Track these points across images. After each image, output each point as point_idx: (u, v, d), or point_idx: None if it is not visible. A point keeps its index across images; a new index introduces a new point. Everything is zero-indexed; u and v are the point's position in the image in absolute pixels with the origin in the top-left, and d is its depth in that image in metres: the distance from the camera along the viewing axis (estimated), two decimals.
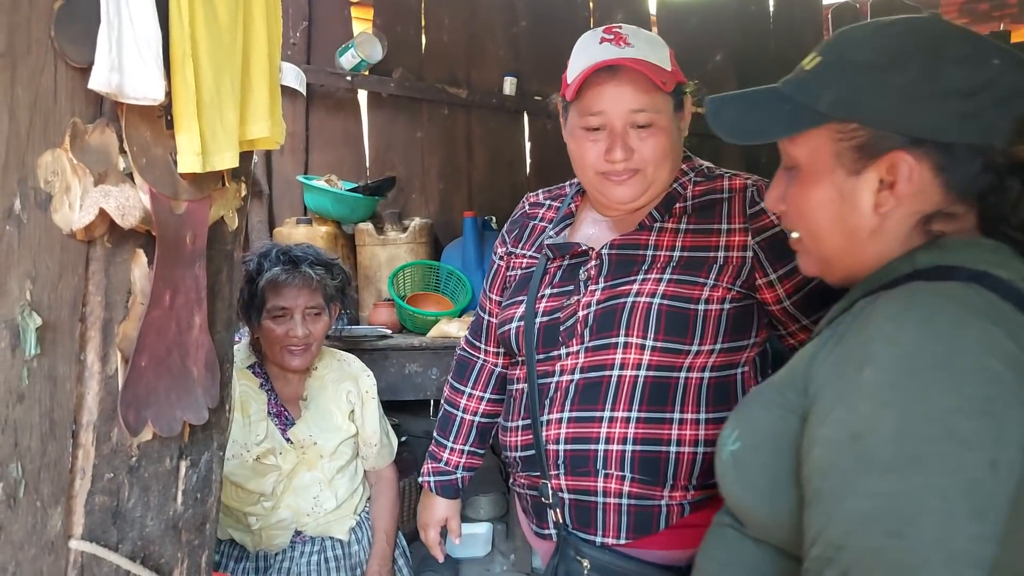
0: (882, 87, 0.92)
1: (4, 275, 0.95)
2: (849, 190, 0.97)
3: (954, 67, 0.90)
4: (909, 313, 0.84)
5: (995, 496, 0.76)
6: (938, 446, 0.77)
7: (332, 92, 3.60)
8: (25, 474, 1.00)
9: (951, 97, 0.90)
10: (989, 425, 0.77)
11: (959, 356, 0.80)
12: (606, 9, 3.82)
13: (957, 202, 0.93)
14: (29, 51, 0.95)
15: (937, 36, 0.93)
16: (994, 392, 0.78)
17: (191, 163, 1.17)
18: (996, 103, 0.90)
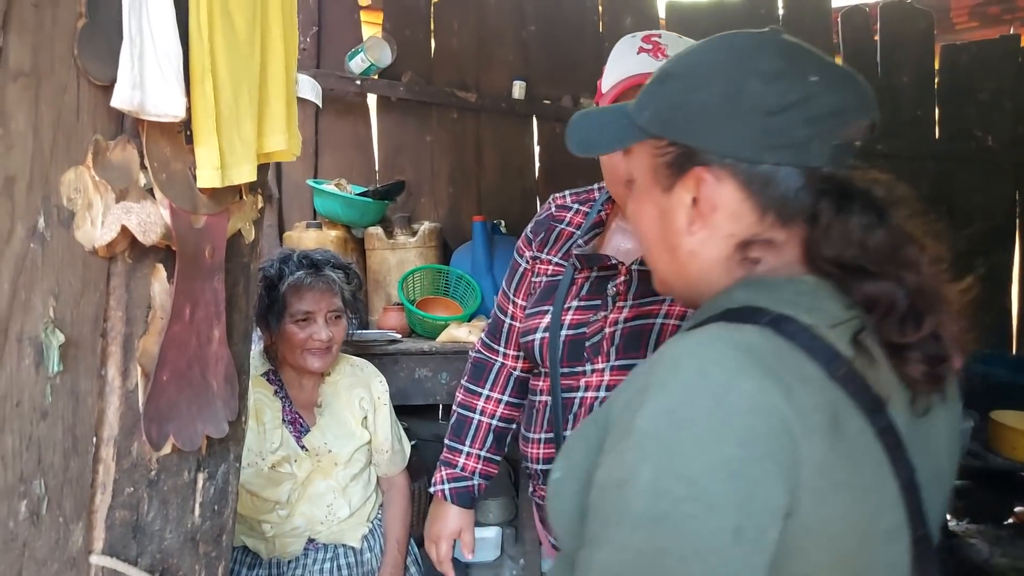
0: (688, 104, 0.89)
1: (28, 292, 0.95)
2: (665, 207, 0.93)
3: (761, 83, 0.85)
4: (688, 360, 0.78)
5: (734, 563, 0.71)
6: (684, 506, 0.72)
7: (342, 96, 3.60)
8: (48, 490, 1.01)
9: (755, 114, 0.85)
10: (739, 489, 0.71)
11: (724, 412, 0.73)
12: (615, 13, 3.81)
13: (776, 228, 0.87)
14: (52, 69, 0.95)
15: (749, 51, 0.88)
16: (751, 454, 0.72)
17: (211, 178, 1.18)
18: (808, 122, 0.84)
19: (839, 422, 0.76)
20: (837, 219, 0.84)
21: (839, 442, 0.75)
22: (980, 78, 3.95)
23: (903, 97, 3.93)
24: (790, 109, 0.84)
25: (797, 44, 0.89)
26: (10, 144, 0.91)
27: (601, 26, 3.82)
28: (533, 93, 3.75)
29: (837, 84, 0.86)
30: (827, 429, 0.74)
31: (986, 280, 3.99)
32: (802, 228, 0.86)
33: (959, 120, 3.98)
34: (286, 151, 1.37)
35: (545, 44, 3.77)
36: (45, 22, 0.94)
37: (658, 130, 0.91)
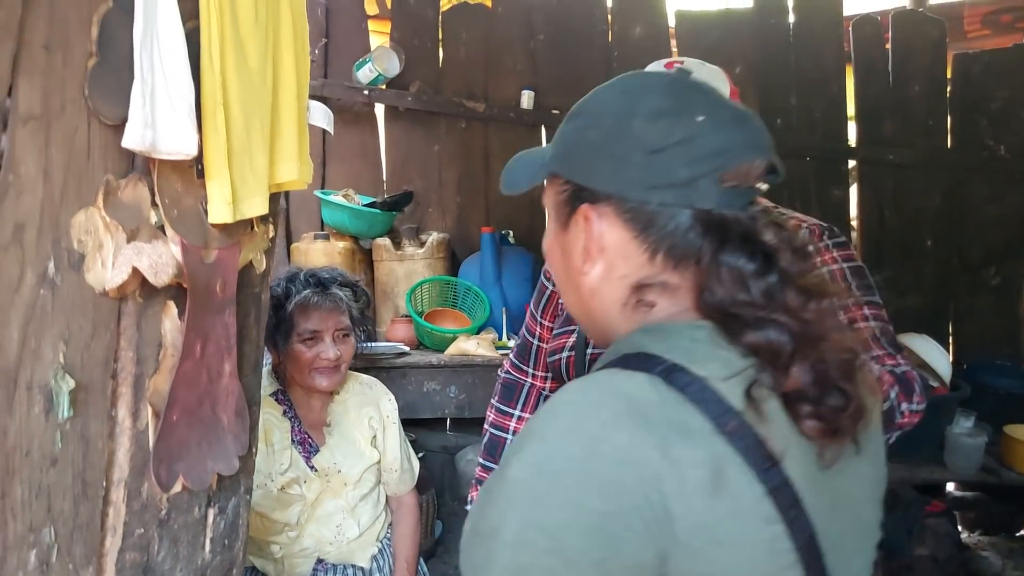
0: (581, 142, 0.88)
1: (38, 339, 0.94)
2: (564, 245, 0.92)
3: (645, 122, 0.83)
4: (567, 408, 0.76)
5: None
6: (544, 559, 0.70)
7: (349, 106, 3.58)
8: (58, 538, 0.99)
9: (638, 153, 0.83)
10: (599, 544, 0.69)
11: (593, 464, 0.71)
12: (624, 23, 3.79)
13: (669, 271, 0.84)
14: (63, 111, 0.94)
15: (640, 90, 0.86)
16: (615, 509, 0.69)
17: (222, 213, 1.16)
18: (692, 162, 0.81)
19: (722, 479, 0.72)
20: (723, 263, 0.81)
21: (721, 500, 0.72)
22: (993, 87, 3.91)
23: (915, 107, 3.90)
24: (673, 148, 0.82)
25: (693, 85, 0.87)
26: (20, 190, 0.90)
27: (610, 35, 3.80)
28: (542, 103, 3.73)
29: (726, 124, 0.83)
30: (707, 486, 0.71)
31: (999, 291, 3.96)
32: (695, 272, 0.83)
33: (971, 130, 3.94)
34: (298, 180, 1.36)
35: (554, 53, 3.75)
36: (56, 64, 0.92)
37: (557, 167, 0.91)
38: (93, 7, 0.96)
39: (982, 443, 3.10)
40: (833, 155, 3.89)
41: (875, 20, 3.91)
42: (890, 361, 1.44)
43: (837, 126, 3.89)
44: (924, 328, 3.53)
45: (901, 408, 1.40)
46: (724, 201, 0.81)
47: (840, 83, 3.88)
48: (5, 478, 0.92)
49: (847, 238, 1.60)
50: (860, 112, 3.92)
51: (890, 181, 3.92)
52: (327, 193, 3.40)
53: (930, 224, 3.93)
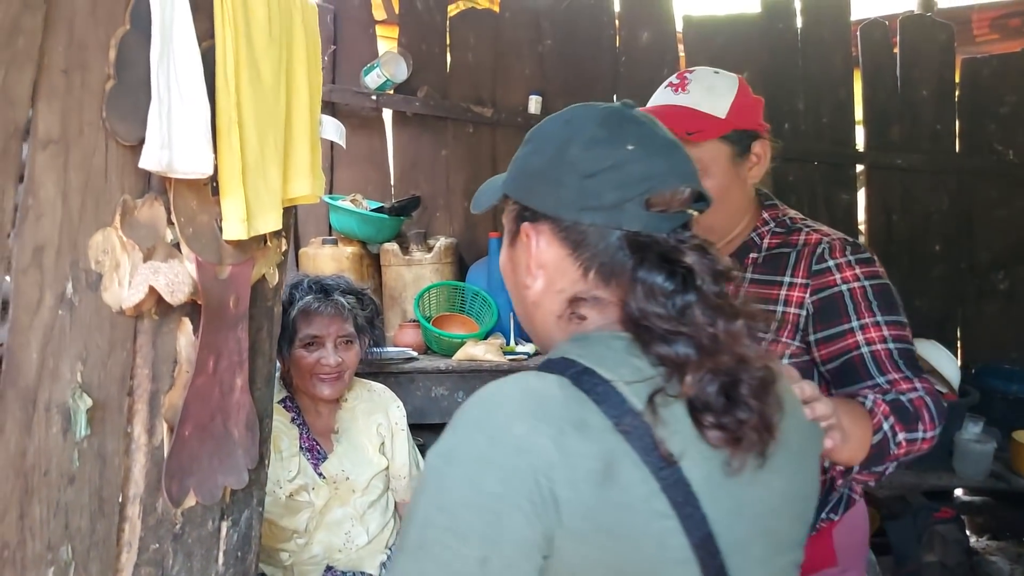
0: (527, 166, 0.97)
1: (56, 360, 0.95)
2: (512, 260, 1.01)
3: (580, 149, 0.91)
4: (480, 403, 0.84)
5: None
6: (442, 536, 0.78)
7: (357, 111, 3.59)
8: (75, 555, 1.00)
9: (573, 176, 0.91)
10: (490, 523, 0.77)
11: (493, 452, 0.79)
12: (632, 28, 3.78)
13: (600, 287, 0.92)
14: (81, 134, 0.95)
15: (580, 120, 0.95)
16: (505, 494, 0.77)
17: (236, 230, 1.17)
18: (619, 186, 0.89)
19: (614, 472, 0.79)
20: (641, 280, 0.88)
21: (610, 490, 0.78)
22: (1001, 91, 3.89)
23: (923, 111, 3.89)
24: (603, 173, 0.90)
25: (629, 117, 0.95)
26: (40, 213, 0.91)
27: (618, 41, 3.79)
28: (549, 108, 3.72)
29: (654, 153, 0.91)
30: (598, 476, 0.78)
31: (1008, 295, 3.95)
32: (622, 288, 0.90)
33: (980, 134, 3.92)
34: (310, 195, 1.37)
35: (561, 59, 3.74)
36: (74, 87, 0.93)
37: (508, 189, 1.00)
38: (111, 30, 0.97)
39: (991, 449, 3.10)
40: (841, 160, 3.89)
41: (883, 24, 3.90)
42: (905, 386, 1.42)
43: (845, 131, 3.89)
44: (932, 333, 3.52)
45: (897, 439, 1.38)
46: (651, 224, 0.89)
47: (848, 87, 3.87)
48: (24, 498, 0.93)
49: (872, 255, 1.55)
50: (868, 116, 3.91)
51: (898, 186, 3.91)
52: (335, 198, 3.41)
53: (938, 229, 3.92)
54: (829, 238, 1.54)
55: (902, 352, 1.45)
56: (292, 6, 1.29)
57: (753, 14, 3.85)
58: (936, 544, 3.11)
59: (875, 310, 1.47)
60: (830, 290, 1.49)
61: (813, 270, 1.51)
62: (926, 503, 3.22)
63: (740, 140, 1.54)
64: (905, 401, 1.40)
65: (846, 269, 1.49)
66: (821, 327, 1.49)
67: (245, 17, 1.16)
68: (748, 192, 1.60)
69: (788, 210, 1.65)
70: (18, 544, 0.93)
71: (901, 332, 1.47)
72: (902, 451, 1.39)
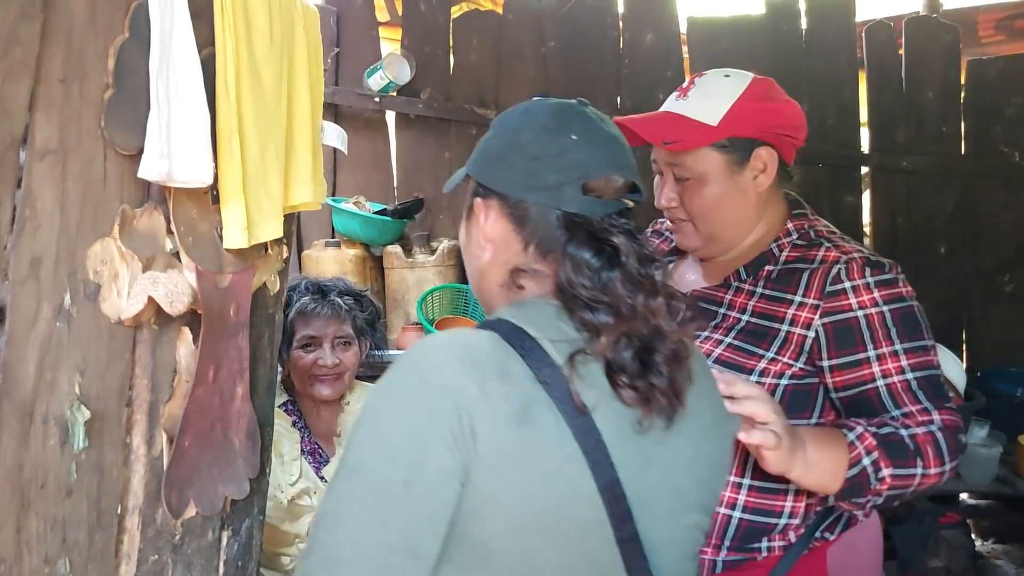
0: (486, 149, 1.10)
1: (54, 372, 0.94)
2: (469, 232, 1.13)
3: (531, 135, 1.04)
4: (416, 351, 0.96)
5: (405, 510, 0.87)
6: (371, 461, 0.89)
7: (360, 113, 3.58)
8: (73, 568, 0.99)
9: (521, 159, 1.03)
10: (415, 450, 0.87)
11: (421, 389, 0.90)
12: (635, 30, 3.77)
13: (538, 260, 1.03)
14: (80, 143, 0.94)
15: (535, 112, 1.07)
16: (430, 426, 0.88)
17: (237, 239, 1.16)
18: (560, 169, 1.01)
19: (529, 415, 0.90)
20: (571, 255, 0.98)
21: (525, 430, 0.89)
22: (1007, 93, 3.87)
23: (928, 113, 3.87)
24: (547, 157, 1.02)
25: (579, 111, 1.07)
26: (37, 224, 0.90)
27: (621, 42, 3.78)
28: None
29: (594, 144, 1.04)
30: (515, 418, 0.89)
31: (1013, 298, 3.93)
32: (557, 262, 1.00)
33: (985, 136, 3.91)
34: (312, 202, 1.36)
35: (565, 60, 3.73)
36: (72, 97, 0.92)
37: (469, 169, 1.12)
38: (110, 39, 0.96)
39: (997, 453, 3.08)
40: (845, 162, 3.87)
41: (888, 26, 3.89)
42: (921, 418, 1.36)
43: (849, 132, 3.87)
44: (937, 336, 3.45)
45: (880, 474, 1.33)
46: (586, 207, 1.00)
47: (853, 89, 3.86)
48: (20, 512, 0.92)
49: (896, 274, 1.46)
50: (873, 118, 3.90)
51: (903, 188, 3.90)
52: (338, 200, 3.40)
53: (943, 231, 3.90)
54: (848, 256, 1.46)
55: (923, 381, 1.39)
56: (293, 12, 1.28)
57: (757, 15, 3.84)
58: (941, 549, 3.10)
59: (894, 337, 1.39)
60: (845, 315, 1.41)
61: (827, 291, 1.43)
62: (931, 508, 3.20)
63: (737, 148, 1.49)
64: (905, 436, 1.35)
65: (863, 292, 1.42)
66: (835, 354, 1.42)
67: (246, 24, 1.15)
68: (755, 201, 1.53)
69: (818, 221, 1.58)
70: (15, 559, 0.92)
71: (923, 359, 1.40)
72: (885, 487, 1.34)
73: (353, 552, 0.87)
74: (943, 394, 1.40)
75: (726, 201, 1.51)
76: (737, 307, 1.50)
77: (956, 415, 1.38)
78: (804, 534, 1.44)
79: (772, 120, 1.51)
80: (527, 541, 0.90)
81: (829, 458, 1.33)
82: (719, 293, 1.53)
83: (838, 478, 1.33)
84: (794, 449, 1.30)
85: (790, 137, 1.52)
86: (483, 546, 0.91)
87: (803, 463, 1.31)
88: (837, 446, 1.35)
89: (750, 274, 1.52)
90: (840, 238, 1.53)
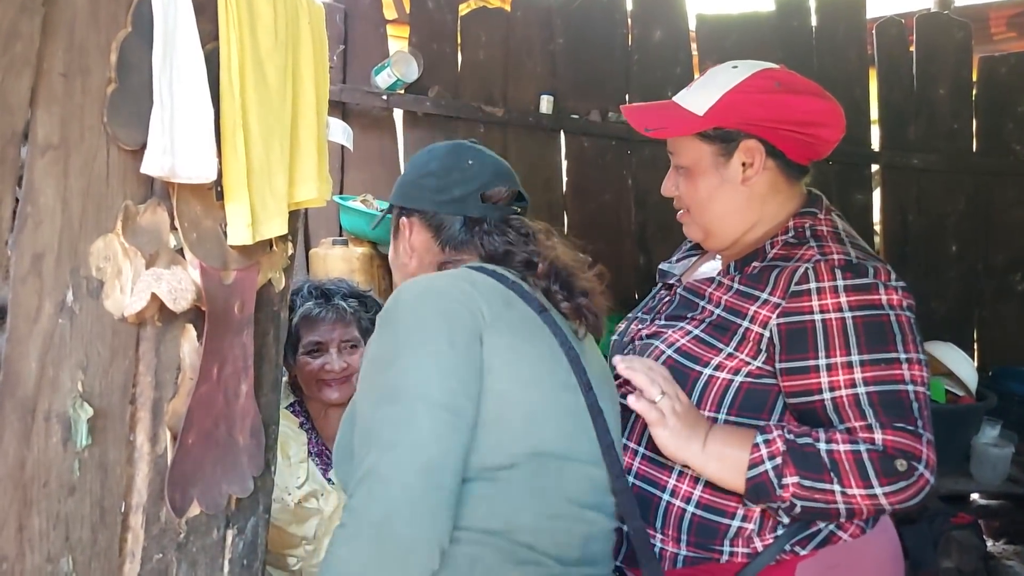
0: (403, 181, 1.49)
1: (56, 369, 0.93)
2: (396, 247, 1.49)
3: (436, 164, 1.43)
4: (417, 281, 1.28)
5: (455, 360, 1.15)
6: (417, 340, 1.17)
7: (368, 111, 3.57)
8: (76, 567, 0.98)
9: (429, 181, 1.41)
10: (447, 320, 1.18)
11: (432, 289, 1.23)
12: (644, 27, 3.75)
13: (457, 254, 1.39)
14: (82, 139, 0.93)
15: (436, 150, 1.48)
16: (451, 305, 1.19)
17: (242, 235, 1.15)
18: (462, 184, 1.39)
19: (511, 302, 1.26)
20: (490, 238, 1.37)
21: (510, 312, 1.24)
22: (1019, 90, 3.85)
23: (939, 110, 3.84)
24: (450, 178, 1.40)
25: (469, 146, 1.47)
26: (39, 220, 0.89)
27: (630, 39, 3.77)
28: (561, 107, 3.71)
29: (486, 166, 1.42)
30: (502, 302, 1.24)
31: None
32: (474, 252, 1.38)
33: (997, 133, 3.88)
34: (317, 199, 1.35)
35: (573, 57, 3.72)
36: (74, 92, 0.91)
37: (392, 200, 1.50)
38: (112, 33, 0.95)
39: (1008, 453, 3.06)
40: (856, 159, 3.85)
41: (899, 22, 3.86)
42: (863, 435, 1.29)
43: (860, 130, 3.84)
44: (949, 335, 3.48)
45: (783, 481, 1.29)
46: (485, 212, 1.39)
47: (863, 86, 3.83)
48: (23, 510, 0.91)
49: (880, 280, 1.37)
50: (883, 116, 3.87)
51: (914, 186, 3.87)
52: (345, 199, 3.40)
53: (955, 229, 3.88)
54: (824, 256, 1.40)
55: (876, 396, 1.31)
56: (299, 7, 1.27)
57: (767, 12, 3.83)
58: (952, 550, 3.07)
59: (851, 347, 1.32)
60: (801, 317, 1.36)
61: (791, 291, 1.38)
62: (942, 508, 3.18)
63: (721, 139, 1.46)
64: (822, 449, 1.29)
65: (828, 295, 1.35)
66: (786, 357, 1.37)
67: (250, 19, 1.14)
68: (747, 195, 1.49)
69: (823, 221, 1.51)
70: (17, 557, 0.92)
71: (883, 372, 1.31)
72: (789, 494, 1.29)
73: (420, 396, 1.13)
74: (900, 413, 1.30)
75: (715, 193, 1.50)
76: (714, 300, 1.48)
77: (909, 438, 1.28)
78: (772, 544, 1.40)
79: (766, 112, 1.45)
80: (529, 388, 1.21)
81: (731, 455, 1.33)
82: (704, 286, 1.52)
83: (740, 476, 1.32)
84: (688, 436, 1.32)
85: (794, 132, 1.46)
86: (502, 397, 1.18)
87: (699, 452, 1.33)
88: (742, 444, 1.33)
89: (737, 269, 1.49)
90: (837, 240, 1.46)
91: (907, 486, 1.28)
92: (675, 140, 1.52)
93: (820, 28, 3.81)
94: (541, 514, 1.19)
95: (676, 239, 1.80)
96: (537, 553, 1.19)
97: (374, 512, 1.08)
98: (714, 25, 3.80)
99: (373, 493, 1.09)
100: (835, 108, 1.50)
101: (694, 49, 3.82)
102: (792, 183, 1.54)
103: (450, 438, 1.12)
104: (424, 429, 1.11)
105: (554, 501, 1.21)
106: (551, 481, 1.21)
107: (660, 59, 3.74)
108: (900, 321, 1.35)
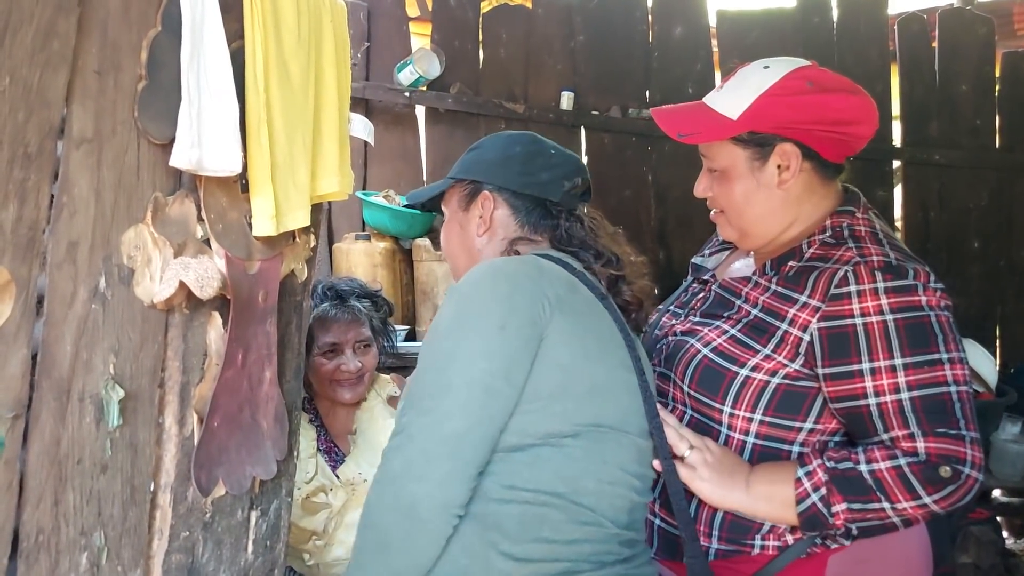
0: (480, 160, 1.51)
1: (90, 352, 0.98)
2: (463, 222, 1.50)
3: (520, 148, 1.49)
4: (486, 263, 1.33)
5: (501, 344, 1.20)
6: (471, 320, 1.23)
7: (390, 108, 3.61)
8: (108, 541, 1.03)
9: (515, 163, 1.47)
10: (504, 304, 1.22)
11: (500, 272, 1.28)
12: (665, 23, 3.77)
13: (533, 234, 1.45)
14: (114, 132, 0.98)
15: (517, 135, 1.55)
16: (513, 290, 1.23)
17: (266, 227, 1.19)
18: (549, 169, 1.46)
19: (575, 287, 1.32)
20: (569, 224, 1.45)
21: (574, 296, 1.30)
22: None
23: (962, 106, 3.82)
24: (537, 162, 1.47)
25: (543, 137, 1.55)
26: (73, 210, 0.94)
27: (651, 36, 3.78)
28: (582, 103, 3.73)
29: (567, 157, 1.51)
30: (566, 287, 1.30)
31: None
32: (548, 233, 1.45)
33: (1020, 129, 3.85)
34: (338, 191, 1.39)
35: (594, 54, 3.74)
36: (107, 88, 0.96)
37: (461, 175, 1.52)
38: (143, 32, 1.00)
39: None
40: (877, 156, 3.83)
41: (921, 18, 3.85)
42: (905, 445, 1.29)
43: (881, 126, 3.81)
44: (970, 331, 3.45)
45: (833, 509, 1.30)
46: (564, 199, 1.46)
47: (885, 82, 3.82)
48: (58, 485, 0.96)
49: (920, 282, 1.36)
50: (905, 112, 3.86)
51: (936, 182, 3.86)
52: (368, 194, 3.44)
53: (977, 225, 3.86)
54: (863, 259, 1.37)
55: (920, 401, 1.30)
56: (321, 6, 1.31)
57: (788, 8, 3.82)
58: (971, 545, 3.07)
59: (894, 350, 1.31)
60: (842, 321, 1.34)
61: (831, 293, 1.36)
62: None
63: (757, 143, 1.44)
64: (864, 472, 1.30)
65: (869, 298, 1.33)
66: (829, 363, 1.35)
67: (274, 18, 1.19)
68: (783, 198, 1.47)
69: (860, 221, 1.48)
70: (52, 530, 0.96)
71: (927, 375, 1.30)
72: (841, 521, 1.31)
73: (464, 378, 1.19)
74: (943, 418, 1.29)
75: (750, 196, 1.47)
76: (751, 300, 1.47)
77: (951, 442, 1.28)
78: (803, 538, 1.40)
79: (801, 115, 1.43)
80: (589, 362, 1.26)
81: (778, 493, 1.35)
82: (740, 285, 1.51)
83: (791, 512, 1.34)
84: (730, 484, 1.36)
85: (830, 132, 1.44)
86: (567, 371, 1.24)
87: (745, 497, 1.36)
88: (784, 481, 1.35)
89: (774, 269, 1.47)
90: (876, 241, 1.44)
91: (955, 489, 1.28)
92: (708, 143, 1.49)
93: (841, 24, 3.80)
94: (602, 480, 1.26)
95: (696, 235, 1.82)
96: (597, 515, 1.26)
97: (396, 465, 1.20)
98: (735, 21, 3.80)
99: (400, 448, 1.20)
100: (868, 103, 1.48)
101: (714, 45, 3.83)
102: (828, 182, 1.51)
103: (478, 414, 1.18)
104: (456, 403, 1.18)
105: (612, 469, 1.28)
106: (609, 450, 1.28)
107: (680, 56, 3.76)
108: (940, 321, 1.34)
